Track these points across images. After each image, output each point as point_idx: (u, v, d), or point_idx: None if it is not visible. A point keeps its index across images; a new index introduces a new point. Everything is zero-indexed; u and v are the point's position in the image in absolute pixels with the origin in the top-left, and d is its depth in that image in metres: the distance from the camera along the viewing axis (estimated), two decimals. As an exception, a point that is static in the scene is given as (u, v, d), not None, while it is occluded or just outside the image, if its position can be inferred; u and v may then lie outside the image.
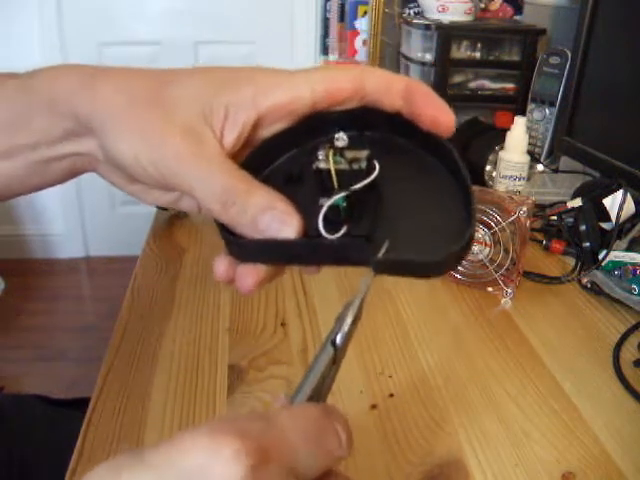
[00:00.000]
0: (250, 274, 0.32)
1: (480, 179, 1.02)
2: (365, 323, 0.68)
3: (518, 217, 0.70)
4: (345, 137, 0.31)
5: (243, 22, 2.45)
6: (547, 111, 1.14)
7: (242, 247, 0.32)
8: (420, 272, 0.31)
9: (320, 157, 0.31)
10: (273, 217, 0.30)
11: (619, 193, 0.80)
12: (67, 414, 0.80)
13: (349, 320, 0.29)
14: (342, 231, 0.30)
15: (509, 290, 0.73)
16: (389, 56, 1.46)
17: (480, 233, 0.73)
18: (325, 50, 2.18)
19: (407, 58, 1.26)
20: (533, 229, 0.88)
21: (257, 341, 0.65)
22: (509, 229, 0.71)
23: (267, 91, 0.32)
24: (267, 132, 0.34)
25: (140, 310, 0.71)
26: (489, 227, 0.72)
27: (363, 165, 0.31)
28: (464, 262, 0.75)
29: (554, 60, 1.12)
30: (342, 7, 1.89)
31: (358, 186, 0.30)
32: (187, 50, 2.47)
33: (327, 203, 0.30)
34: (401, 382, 0.59)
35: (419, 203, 0.33)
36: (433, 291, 0.76)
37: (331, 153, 0.31)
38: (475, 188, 0.74)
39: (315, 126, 0.34)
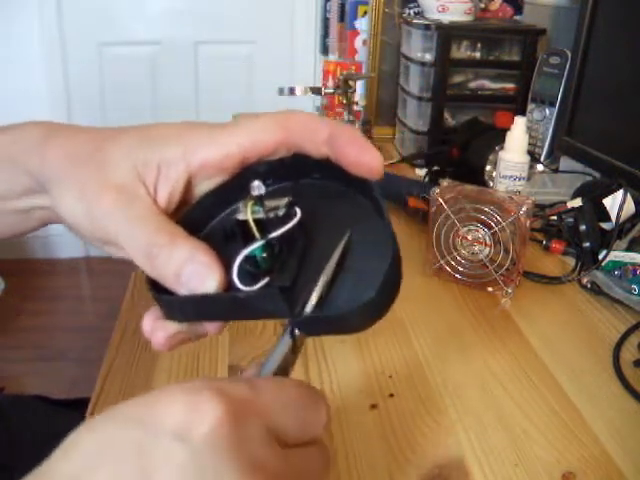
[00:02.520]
0: (161, 329, 0.32)
1: (480, 179, 1.02)
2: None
3: (518, 217, 0.70)
4: (262, 185, 0.30)
5: (243, 22, 2.45)
6: (547, 111, 1.14)
7: (168, 304, 0.31)
8: (344, 328, 0.30)
9: (240, 209, 0.30)
10: (194, 270, 0.30)
11: (619, 193, 0.80)
12: (67, 414, 0.80)
13: (315, 298, 0.29)
14: (261, 283, 0.29)
15: (509, 290, 0.73)
16: (389, 56, 1.46)
17: (480, 233, 0.73)
18: (325, 50, 2.18)
19: (407, 58, 1.25)
20: (533, 229, 0.88)
21: (257, 341, 0.65)
22: (509, 229, 0.71)
23: (196, 150, 0.32)
24: (204, 187, 0.34)
25: (140, 310, 0.70)
26: (489, 227, 0.72)
27: (280, 213, 0.30)
28: (464, 262, 0.75)
29: (554, 60, 1.12)
30: (342, 7, 1.88)
31: (274, 235, 0.29)
32: (187, 50, 2.47)
33: (241, 254, 0.29)
34: (401, 382, 0.59)
35: (349, 250, 0.32)
36: (433, 291, 0.76)
37: (250, 203, 0.30)
38: (475, 188, 0.74)
39: (247, 180, 0.32)
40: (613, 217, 0.79)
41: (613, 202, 0.80)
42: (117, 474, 0.23)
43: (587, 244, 0.80)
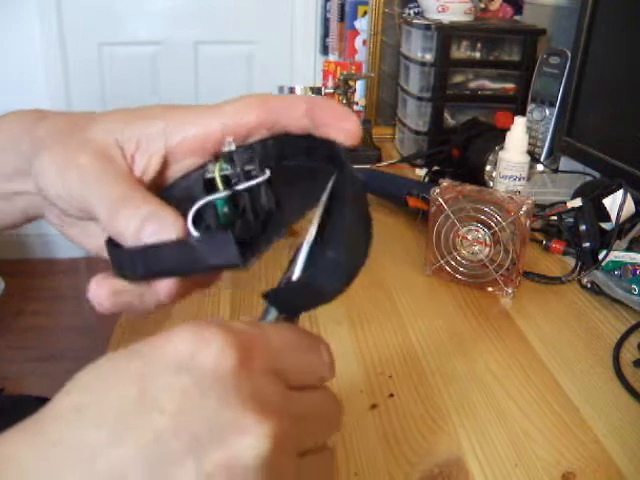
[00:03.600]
0: (105, 286, 0.31)
1: (480, 179, 1.02)
2: (365, 322, 0.68)
3: (518, 217, 0.70)
4: (232, 142, 0.30)
5: (243, 22, 2.45)
6: (547, 111, 1.14)
7: (118, 257, 0.30)
8: (317, 297, 0.29)
9: (209, 169, 0.30)
10: (156, 227, 0.30)
11: (619, 193, 0.80)
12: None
13: (302, 259, 0.28)
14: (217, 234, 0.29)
15: (509, 290, 0.73)
16: (389, 56, 1.46)
17: (480, 233, 0.73)
18: (325, 50, 2.18)
19: (407, 58, 1.25)
20: (533, 229, 0.88)
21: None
22: (509, 229, 0.71)
23: (177, 126, 0.33)
24: (180, 167, 0.34)
25: (140, 310, 0.71)
26: (489, 227, 0.72)
27: (253, 172, 0.30)
28: (464, 262, 0.75)
29: (554, 60, 1.12)
30: (342, 7, 1.88)
31: (239, 188, 0.29)
32: (187, 50, 2.47)
33: (201, 201, 0.29)
34: (401, 382, 0.59)
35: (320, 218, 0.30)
36: (433, 291, 0.76)
37: (220, 161, 0.30)
38: (475, 188, 0.74)
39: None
40: (613, 217, 0.79)
41: (613, 202, 0.80)
42: (119, 400, 0.23)
43: (587, 244, 0.80)
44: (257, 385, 0.25)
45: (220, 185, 0.29)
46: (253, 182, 0.29)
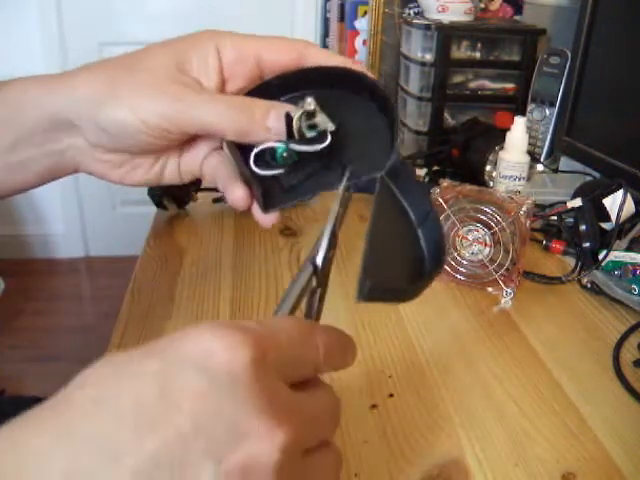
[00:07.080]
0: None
1: (480, 179, 1.02)
2: (365, 322, 0.68)
3: (518, 217, 0.70)
4: (313, 103, 0.37)
5: (243, 22, 2.45)
6: (547, 111, 1.14)
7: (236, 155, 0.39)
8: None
9: (297, 108, 0.38)
10: (277, 114, 0.38)
11: (619, 193, 0.80)
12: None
13: (325, 242, 0.32)
14: (269, 171, 0.38)
15: (509, 290, 0.73)
16: (389, 56, 1.46)
17: (480, 233, 0.73)
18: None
19: (407, 58, 1.25)
20: (533, 229, 0.88)
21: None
22: (509, 229, 0.71)
23: (230, 48, 0.41)
24: (232, 86, 0.42)
25: (140, 310, 0.71)
26: (489, 227, 0.72)
27: (312, 134, 0.37)
28: (464, 262, 0.75)
29: (554, 60, 1.12)
30: (342, 7, 1.88)
31: (296, 147, 0.37)
32: (187, 50, 2.47)
33: (266, 145, 0.37)
34: (401, 382, 0.59)
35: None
36: (433, 291, 0.76)
37: (300, 112, 0.37)
38: (475, 188, 0.74)
39: (283, 84, 0.42)
40: (613, 217, 0.79)
41: (613, 202, 0.80)
42: (139, 397, 0.23)
43: (587, 244, 0.80)
44: (272, 388, 0.25)
45: (296, 133, 0.37)
46: (309, 148, 0.37)
